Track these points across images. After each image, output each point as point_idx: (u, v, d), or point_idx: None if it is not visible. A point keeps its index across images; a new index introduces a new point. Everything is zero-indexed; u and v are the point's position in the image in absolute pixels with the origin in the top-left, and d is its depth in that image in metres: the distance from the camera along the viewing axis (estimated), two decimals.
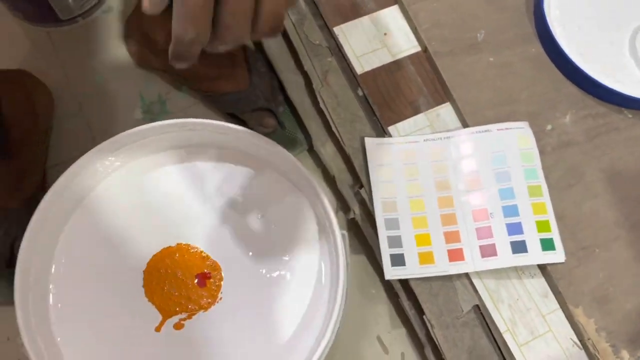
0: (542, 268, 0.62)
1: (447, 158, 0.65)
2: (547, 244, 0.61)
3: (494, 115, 0.67)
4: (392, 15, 0.74)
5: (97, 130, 0.74)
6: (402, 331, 0.68)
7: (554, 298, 0.62)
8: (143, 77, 0.77)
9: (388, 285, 0.68)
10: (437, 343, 0.59)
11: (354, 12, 0.73)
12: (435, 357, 0.61)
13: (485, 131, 0.66)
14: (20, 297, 0.49)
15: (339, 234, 0.52)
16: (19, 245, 0.65)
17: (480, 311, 0.61)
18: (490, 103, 0.68)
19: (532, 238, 0.61)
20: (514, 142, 0.65)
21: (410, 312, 0.63)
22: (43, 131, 0.68)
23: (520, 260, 0.61)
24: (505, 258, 0.61)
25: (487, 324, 0.60)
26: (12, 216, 0.64)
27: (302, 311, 0.54)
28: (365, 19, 0.73)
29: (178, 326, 0.54)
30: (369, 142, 0.65)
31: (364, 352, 0.67)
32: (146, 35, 0.71)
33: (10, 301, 0.66)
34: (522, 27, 0.73)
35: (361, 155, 0.66)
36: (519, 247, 0.61)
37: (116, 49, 0.77)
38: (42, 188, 0.68)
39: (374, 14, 0.74)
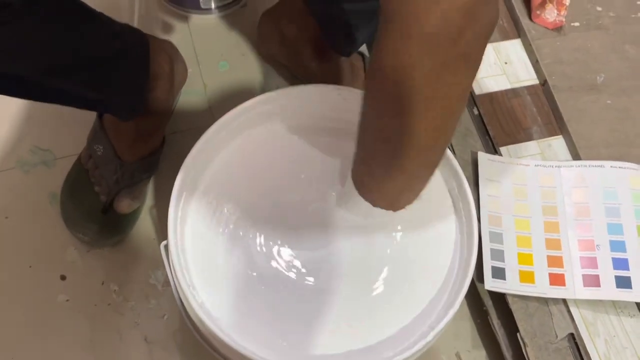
0: None
1: (557, 186, 0.66)
2: None
3: (607, 153, 0.68)
4: (514, 48, 0.77)
5: (216, 109, 0.78)
6: (483, 353, 0.67)
7: None
8: (265, 69, 0.81)
9: (473, 303, 0.67)
10: None
11: None
12: None
13: (598, 166, 0.66)
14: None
15: (475, 214, 0.54)
16: (120, 197, 0.68)
17: (574, 340, 0.60)
18: (605, 142, 0.69)
19: (638, 275, 0.60)
20: (627, 181, 0.65)
21: (499, 331, 0.62)
22: (173, 98, 0.73)
23: (624, 295, 0.60)
24: (608, 291, 0.60)
25: (580, 354, 0.59)
26: (126, 168, 0.67)
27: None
28: (488, 46, 0.76)
29: None
30: (482, 156, 0.67)
31: None
32: (278, 28, 0.75)
33: (100, 244, 0.69)
34: None
35: (470, 167, 0.67)
36: (623, 283, 0.60)
37: (245, 42, 0.83)
38: (159, 150, 0.71)
39: (497, 43, 0.77)
